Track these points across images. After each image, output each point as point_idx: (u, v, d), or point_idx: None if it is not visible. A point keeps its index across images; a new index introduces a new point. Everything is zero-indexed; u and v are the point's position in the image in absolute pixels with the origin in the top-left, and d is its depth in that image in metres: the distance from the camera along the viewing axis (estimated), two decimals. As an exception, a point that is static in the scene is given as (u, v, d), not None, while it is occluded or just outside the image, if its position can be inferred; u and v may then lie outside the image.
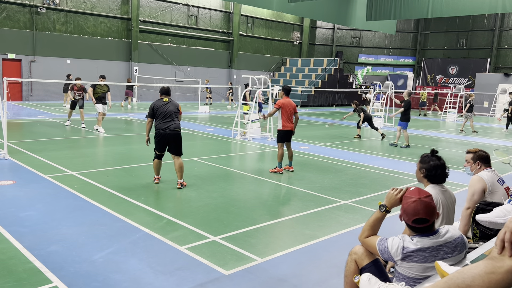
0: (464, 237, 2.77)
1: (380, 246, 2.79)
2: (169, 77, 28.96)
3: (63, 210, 5.80)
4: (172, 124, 7.05)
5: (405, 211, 2.71)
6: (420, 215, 2.66)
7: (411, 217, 2.68)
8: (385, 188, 7.84)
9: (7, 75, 21.31)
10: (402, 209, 2.76)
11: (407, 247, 2.65)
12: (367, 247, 2.93)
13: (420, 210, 2.65)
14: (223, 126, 16.29)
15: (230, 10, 31.97)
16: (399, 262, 2.68)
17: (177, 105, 7.29)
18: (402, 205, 2.78)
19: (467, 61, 35.15)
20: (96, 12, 25.78)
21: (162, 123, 7.04)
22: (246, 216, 5.93)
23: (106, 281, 3.88)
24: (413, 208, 2.67)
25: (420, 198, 2.69)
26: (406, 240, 2.69)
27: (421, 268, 2.62)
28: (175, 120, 7.13)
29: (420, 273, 2.63)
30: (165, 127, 7.01)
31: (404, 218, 2.74)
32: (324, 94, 30.93)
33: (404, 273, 2.70)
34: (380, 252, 2.79)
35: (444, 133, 17.81)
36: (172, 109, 7.14)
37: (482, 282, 1.41)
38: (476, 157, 4.35)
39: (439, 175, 3.60)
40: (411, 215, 2.67)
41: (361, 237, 3.00)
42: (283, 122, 8.63)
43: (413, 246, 2.64)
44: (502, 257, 1.41)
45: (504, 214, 3.30)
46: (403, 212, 2.74)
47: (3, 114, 8.89)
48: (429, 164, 3.61)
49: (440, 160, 3.63)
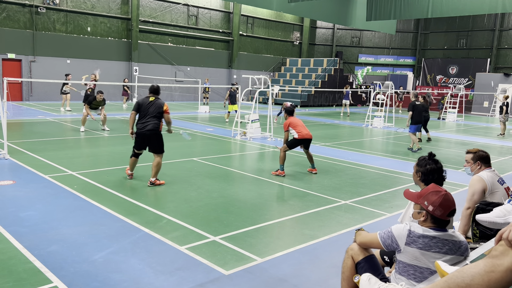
0: (467, 244, 2.83)
1: (383, 233, 2.84)
2: (169, 77, 28.96)
3: (63, 210, 5.80)
4: (149, 125, 7.17)
5: (441, 205, 2.73)
6: (454, 206, 2.77)
7: (448, 210, 2.74)
8: (385, 188, 7.84)
9: (7, 75, 21.32)
10: (435, 204, 2.74)
11: (414, 231, 2.72)
12: (367, 242, 2.96)
13: (453, 201, 2.78)
14: (223, 126, 16.30)
15: (230, 10, 31.97)
16: (403, 247, 2.72)
17: (161, 105, 7.30)
18: (432, 200, 2.76)
19: (467, 61, 35.16)
20: (96, 12, 25.79)
21: (140, 123, 7.25)
22: (246, 216, 5.93)
23: (106, 281, 3.88)
24: (447, 200, 2.75)
25: (446, 191, 2.80)
26: (414, 225, 2.76)
27: (424, 256, 2.66)
28: (153, 120, 7.20)
29: (421, 261, 2.66)
30: (142, 127, 7.20)
31: (438, 213, 2.73)
32: (324, 94, 30.93)
33: (405, 261, 2.72)
34: (382, 239, 2.81)
35: (444, 133, 17.81)
36: (153, 110, 7.23)
37: (481, 280, 1.42)
38: (476, 157, 4.35)
39: (436, 179, 3.59)
40: (448, 208, 2.74)
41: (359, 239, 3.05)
42: (298, 130, 8.44)
43: (421, 231, 2.71)
44: (502, 256, 1.41)
45: (504, 214, 3.30)
46: (437, 207, 2.73)
47: (3, 114, 8.89)
48: (425, 168, 3.61)
49: (437, 164, 3.58)
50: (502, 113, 17.13)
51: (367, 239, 2.97)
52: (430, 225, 2.78)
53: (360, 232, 3.09)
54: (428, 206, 2.78)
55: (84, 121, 13.42)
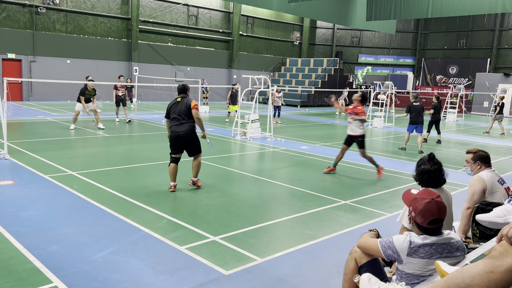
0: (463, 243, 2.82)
1: (384, 243, 2.78)
2: (169, 77, 28.96)
3: (63, 210, 5.80)
4: (181, 126, 6.89)
5: (421, 213, 2.67)
6: (436, 215, 2.66)
7: (428, 219, 2.65)
8: (385, 188, 7.84)
9: (7, 75, 21.32)
10: (416, 211, 2.70)
11: (414, 241, 2.67)
12: (367, 249, 2.91)
13: (436, 210, 2.66)
14: (223, 126, 16.29)
15: (230, 10, 31.97)
16: (404, 258, 2.68)
17: (189, 103, 7.01)
18: (414, 207, 2.72)
19: (467, 61, 35.16)
20: (96, 12, 25.78)
21: (174, 126, 6.96)
22: (246, 216, 5.93)
23: (106, 281, 3.89)
24: (429, 209, 2.65)
25: (433, 198, 2.69)
26: (413, 235, 2.72)
27: (427, 264, 2.65)
28: (186, 121, 6.92)
29: (425, 269, 2.65)
30: (176, 130, 6.90)
31: (419, 220, 2.69)
32: (324, 94, 30.92)
33: (408, 271, 2.70)
34: (383, 248, 2.75)
35: (444, 133, 17.80)
36: (183, 109, 6.94)
37: (481, 281, 1.42)
38: (476, 157, 4.35)
39: (430, 179, 3.57)
40: (428, 217, 2.65)
41: (361, 241, 3.00)
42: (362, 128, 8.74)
43: (420, 240, 2.67)
44: (501, 256, 1.41)
45: (504, 214, 3.30)
46: (417, 214, 2.69)
47: (3, 114, 8.89)
48: (419, 168, 3.61)
49: (433, 166, 3.57)
50: (495, 112, 17.71)
51: (367, 245, 2.91)
52: (417, 231, 2.76)
53: (364, 235, 3.04)
54: (411, 211, 2.76)
55: (75, 120, 13.67)
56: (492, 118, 18.02)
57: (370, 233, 3.07)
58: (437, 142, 14.23)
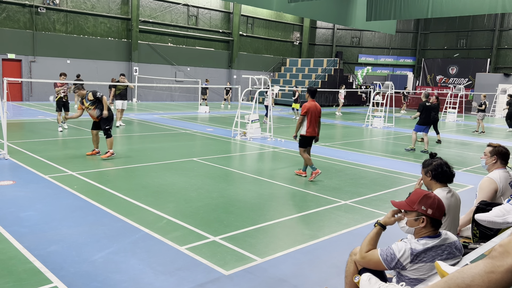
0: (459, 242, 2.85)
1: (385, 254, 2.74)
2: (169, 77, 28.97)
3: (63, 210, 5.80)
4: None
5: (439, 206, 2.78)
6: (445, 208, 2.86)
7: (444, 209, 2.81)
8: (385, 188, 7.84)
9: (7, 75, 21.33)
10: (433, 206, 2.75)
11: (415, 248, 2.67)
12: (369, 263, 2.84)
13: (442, 204, 2.84)
14: (223, 126, 16.29)
15: (230, 10, 31.97)
16: (408, 265, 2.68)
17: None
18: (429, 203, 2.76)
19: (467, 61, 35.16)
20: (96, 12, 25.79)
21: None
22: (246, 216, 5.93)
23: (106, 281, 3.89)
24: (440, 200, 2.82)
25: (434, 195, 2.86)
26: (412, 242, 2.72)
27: (431, 268, 2.66)
28: None
29: (429, 273, 2.66)
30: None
31: (437, 214, 2.76)
32: (324, 94, 30.92)
33: (413, 276, 2.69)
34: (385, 260, 2.72)
35: (444, 133, 17.80)
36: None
37: (481, 281, 1.41)
38: (495, 151, 4.26)
39: (445, 172, 3.62)
40: (443, 208, 2.81)
41: (361, 253, 2.89)
42: (307, 127, 8.22)
43: (421, 246, 2.68)
44: (501, 257, 1.41)
45: (503, 213, 3.30)
46: (435, 208, 2.76)
47: (3, 114, 8.89)
48: (433, 165, 3.64)
49: (442, 159, 3.68)
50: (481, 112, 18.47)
51: (370, 258, 2.83)
52: (429, 230, 2.75)
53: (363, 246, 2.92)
54: (427, 210, 2.76)
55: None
56: (480, 117, 18.42)
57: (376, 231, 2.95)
58: (437, 142, 14.22)
